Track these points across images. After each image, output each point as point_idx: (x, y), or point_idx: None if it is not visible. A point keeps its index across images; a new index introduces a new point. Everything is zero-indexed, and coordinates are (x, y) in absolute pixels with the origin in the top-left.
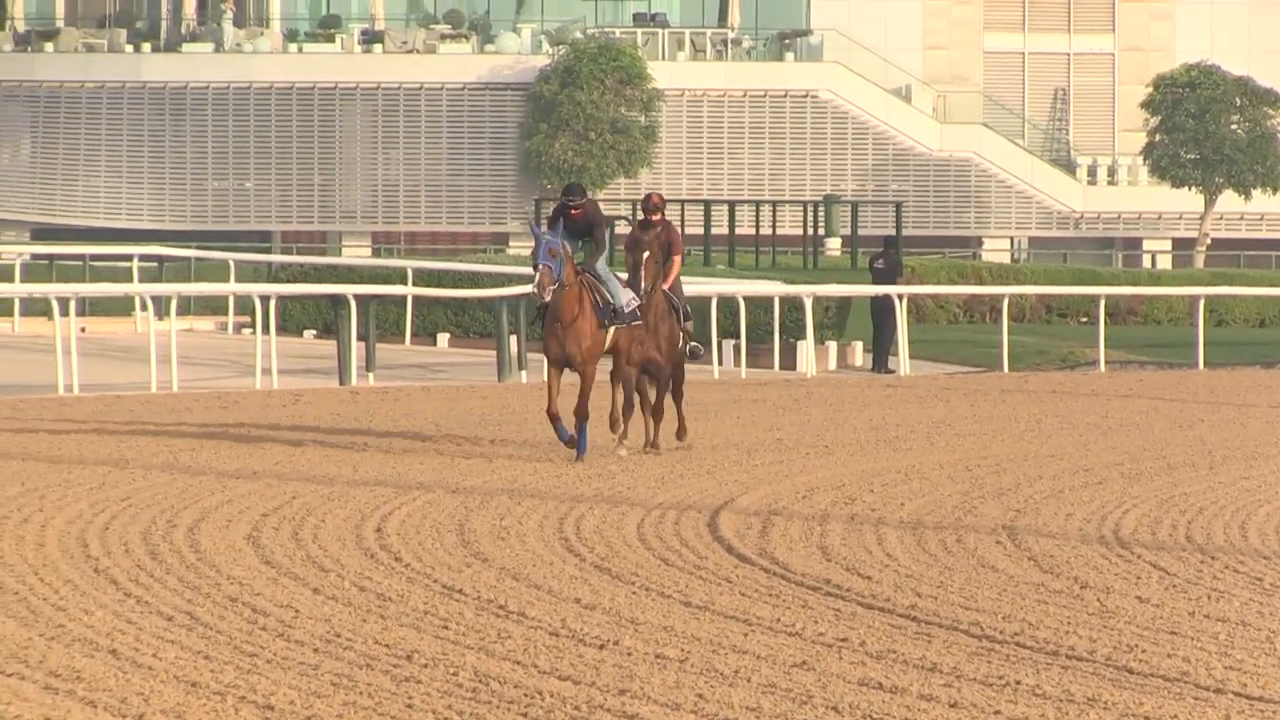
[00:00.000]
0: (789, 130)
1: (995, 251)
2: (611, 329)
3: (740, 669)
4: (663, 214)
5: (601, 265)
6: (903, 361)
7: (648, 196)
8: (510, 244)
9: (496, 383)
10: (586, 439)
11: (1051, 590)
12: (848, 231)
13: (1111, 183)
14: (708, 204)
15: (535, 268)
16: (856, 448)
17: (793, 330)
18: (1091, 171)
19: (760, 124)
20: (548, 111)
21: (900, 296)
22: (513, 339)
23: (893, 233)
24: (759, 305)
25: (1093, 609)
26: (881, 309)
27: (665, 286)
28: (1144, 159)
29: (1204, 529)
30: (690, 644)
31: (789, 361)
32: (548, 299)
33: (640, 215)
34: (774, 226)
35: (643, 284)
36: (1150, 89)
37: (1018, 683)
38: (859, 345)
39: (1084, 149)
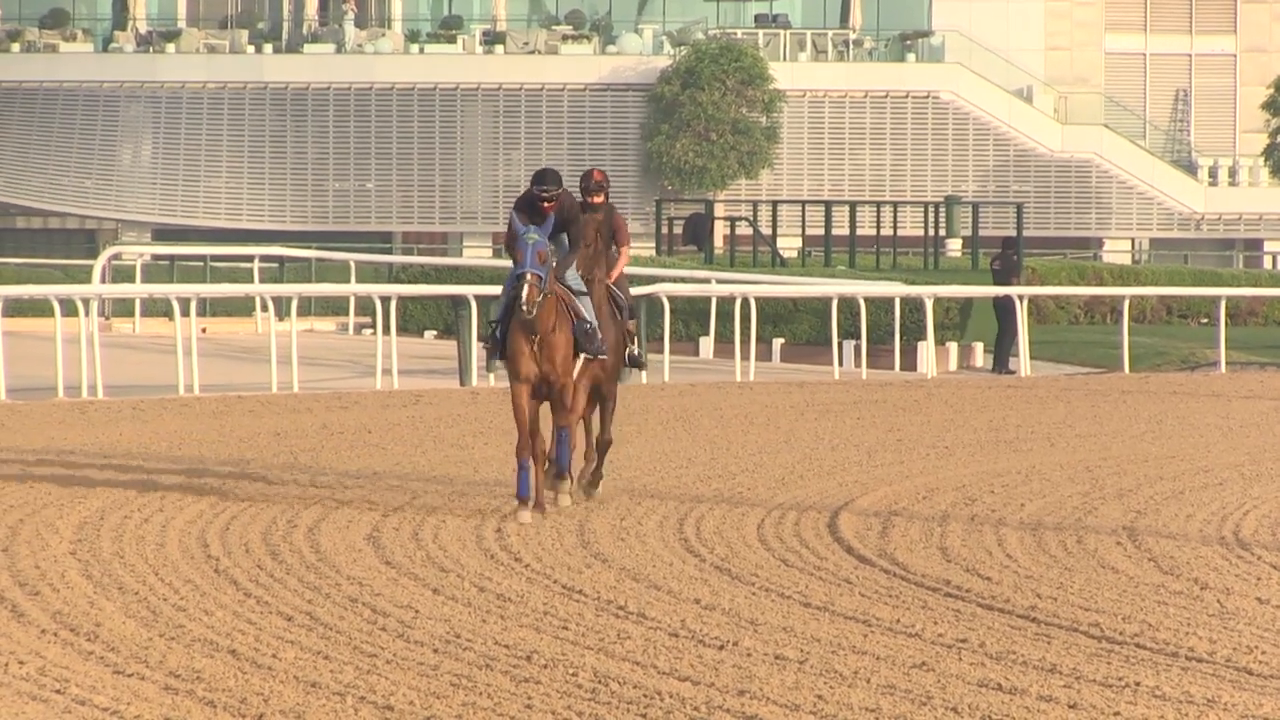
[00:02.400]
0: (910, 131)
1: (1116, 253)
2: (580, 357)
3: (859, 670)
4: (606, 195)
5: (573, 275)
6: (1023, 362)
7: (588, 173)
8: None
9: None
10: (567, 449)
11: (1171, 591)
12: (968, 232)
13: (1232, 184)
14: (828, 205)
15: (519, 276)
16: (976, 448)
17: (913, 331)
18: (1213, 173)
19: (881, 125)
20: (669, 112)
21: (1021, 297)
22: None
23: (1013, 233)
24: (880, 306)
25: (1212, 610)
26: (1002, 310)
27: (610, 281)
28: (1265, 160)
29: None
30: (809, 645)
31: (910, 362)
32: (533, 315)
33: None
34: (895, 227)
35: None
36: (1272, 90)
37: (1137, 684)
38: (979, 346)
39: (1205, 150)
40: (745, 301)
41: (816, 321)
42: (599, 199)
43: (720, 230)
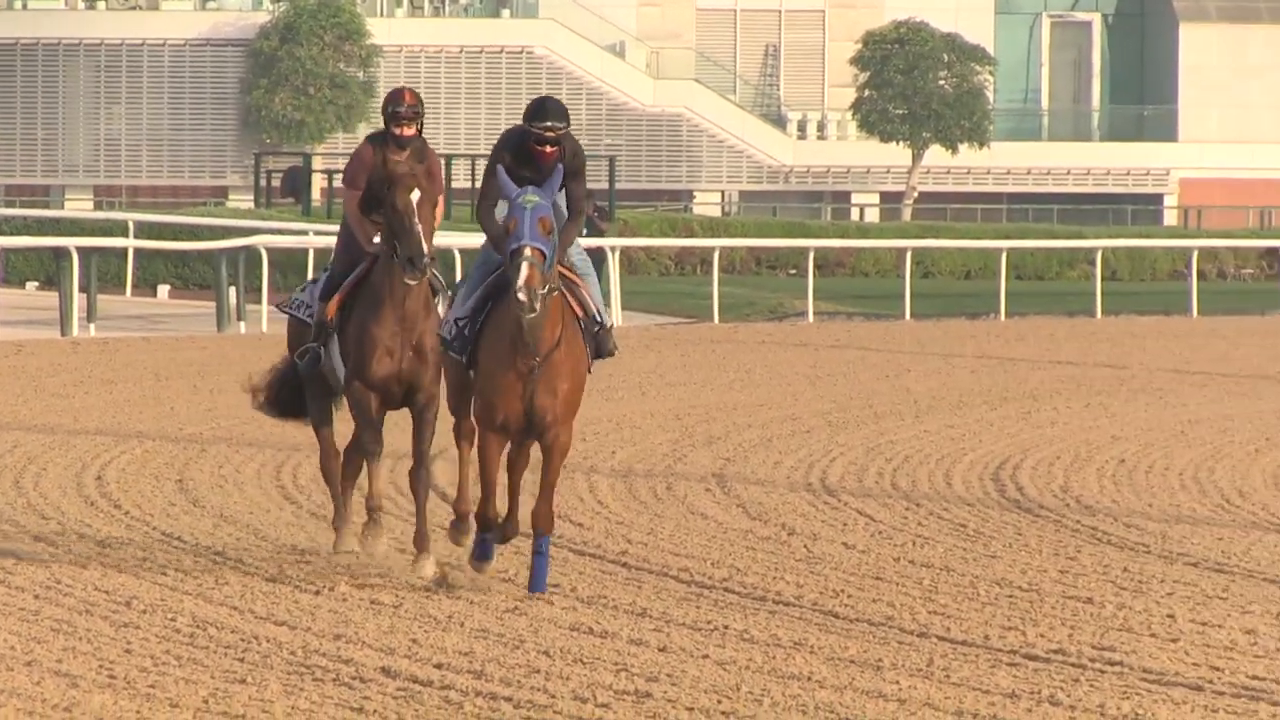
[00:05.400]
0: (505, 86)
1: (707, 205)
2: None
3: (454, 614)
4: (419, 127)
5: (579, 251)
6: (615, 313)
7: (398, 93)
8: (230, 197)
9: (216, 333)
10: (546, 565)
11: (759, 537)
12: None
13: (821, 137)
14: None
15: (514, 252)
16: None
17: None
18: (801, 126)
19: (476, 80)
20: (268, 67)
21: (613, 248)
22: (231, 290)
23: (606, 186)
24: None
25: (800, 555)
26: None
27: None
28: (853, 114)
29: (909, 476)
30: (405, 590)
31: None
32: (536, 310)
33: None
34: None
35: (420, 244)
36: (859, 45)
37: (725, 627)
38: None
39: (794, 104)
40: None
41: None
42: (409, 131)
43: (318, 183)
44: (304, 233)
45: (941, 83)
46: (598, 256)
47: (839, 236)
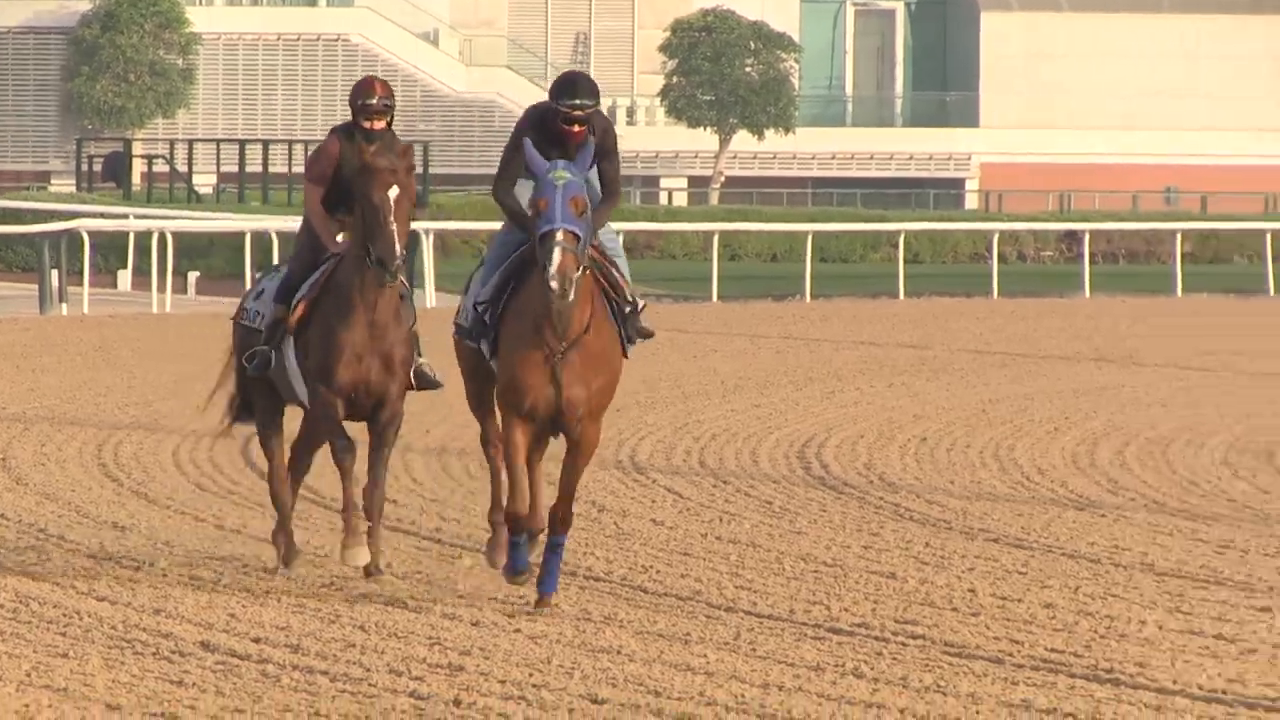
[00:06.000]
0: (321, 73)
1: None
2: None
3: (271, 590)
4: (389, 119)
5: (609, 231)
6: (429, 295)
7: (367, 85)
8: (52, 182)
9: (38, 315)
10: (560, 564)
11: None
12: None
13: (630, 123)
14: (243, 143)
15: (545, 235)
16: None
17: None
18: (612, 112)
19: (294, 67)
20: (89, 55)
21: (426, 232)
22: (54, 273)
23: (420, 171)
24: (286, 240)
25: (610, 531)
26: None
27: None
28: (661, 100)
29: (717, 455)
30: (223, 565)
31: None
32: (570, 298)
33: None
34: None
35: (394, 244)
36: (668, 33)
37: (532, 601)
38: None
39: (604, 91)
40: (162, 236)
41: (231, 255)
42: (379, 124)
43: (138, 168)
44: (125, 216)
45: (748, 70)
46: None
47: (648, 220)
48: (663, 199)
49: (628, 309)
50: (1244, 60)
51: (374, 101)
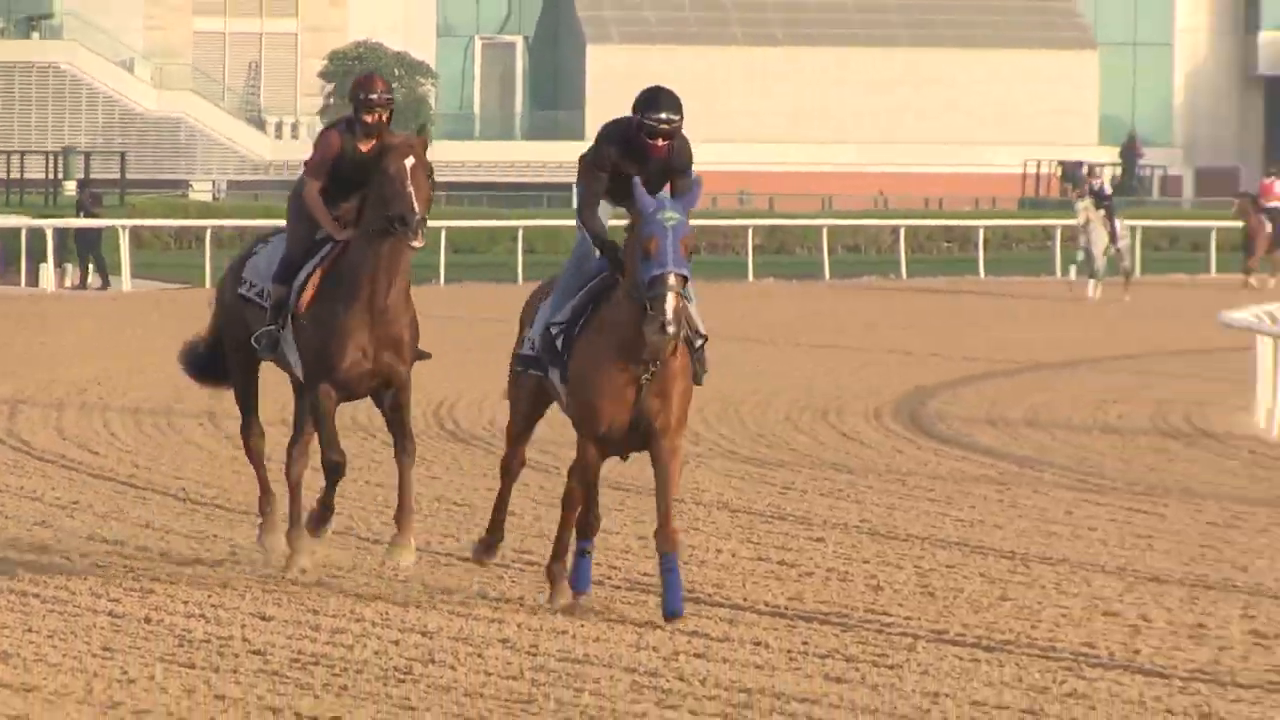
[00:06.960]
0: (35, 96)
1: (201, 193)
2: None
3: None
4: (389, 114)
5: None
6: (125, 280)
7: (369, 80)
8: None
9: None
10: (679, 581)
11: (242, 463)
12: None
13: (294, 137)
14: None
15: (656, 279)
16: (84, 353)
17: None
18: (278, 128)
19: (11, 91)
20: None
21: (123, 228)
22: None
23: (119, 177)
24: (9, 233)
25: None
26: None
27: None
28: (321, 117)
29: (367, 415)
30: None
31: (31, 280)
32: (679, 340)
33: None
34: (22, 172)
35: (413, 202)
36: (326, 62)
37: (216, 536)
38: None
39: (273, 110)
40: None
41: None
42: (380, 117)
43: None
44: None
45: None
46: (95, 234)
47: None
48: None
49: (699, 342)
50: (803, 84)
51: (376, 95)
